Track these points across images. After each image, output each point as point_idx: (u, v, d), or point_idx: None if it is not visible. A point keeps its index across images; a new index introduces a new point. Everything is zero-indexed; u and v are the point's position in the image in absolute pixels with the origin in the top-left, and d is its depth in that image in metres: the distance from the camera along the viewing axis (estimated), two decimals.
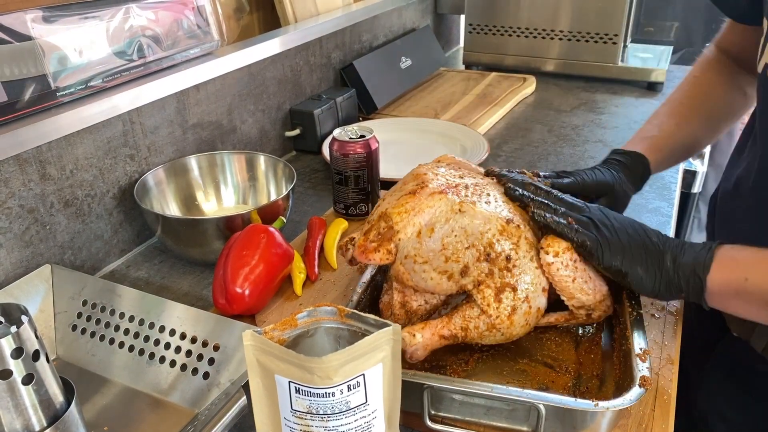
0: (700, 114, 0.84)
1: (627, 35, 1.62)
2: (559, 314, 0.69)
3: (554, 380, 0.65)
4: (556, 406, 0.56)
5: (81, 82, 0.81)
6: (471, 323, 0.64)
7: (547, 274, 0.64)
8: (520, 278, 0.64)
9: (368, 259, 0.64)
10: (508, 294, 0.63)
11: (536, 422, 0.57)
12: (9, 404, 0.48)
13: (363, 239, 0.64)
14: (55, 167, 0.81)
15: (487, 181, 0.71)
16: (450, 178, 0.68)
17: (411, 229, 0.63)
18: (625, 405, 0.55)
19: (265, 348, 0.48)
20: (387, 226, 0.65)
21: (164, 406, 0.65)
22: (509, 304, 0.63)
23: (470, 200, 0.65)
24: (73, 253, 0.85)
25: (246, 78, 1.12)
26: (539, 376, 0.66)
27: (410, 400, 0.58)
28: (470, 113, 1.41)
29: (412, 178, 0.70)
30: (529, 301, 0.64)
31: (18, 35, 0.73)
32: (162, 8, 0.93)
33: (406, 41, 1.61)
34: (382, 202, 0.70)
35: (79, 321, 0.72)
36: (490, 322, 0.63)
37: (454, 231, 0.63)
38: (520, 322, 0.64)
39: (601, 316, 0.68)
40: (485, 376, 0.66)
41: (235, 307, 0.73)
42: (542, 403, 0.56)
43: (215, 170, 1.00)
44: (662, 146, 0.82)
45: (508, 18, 1.69)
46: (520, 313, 0.63)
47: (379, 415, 0.50)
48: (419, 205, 0.64)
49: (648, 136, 0.83)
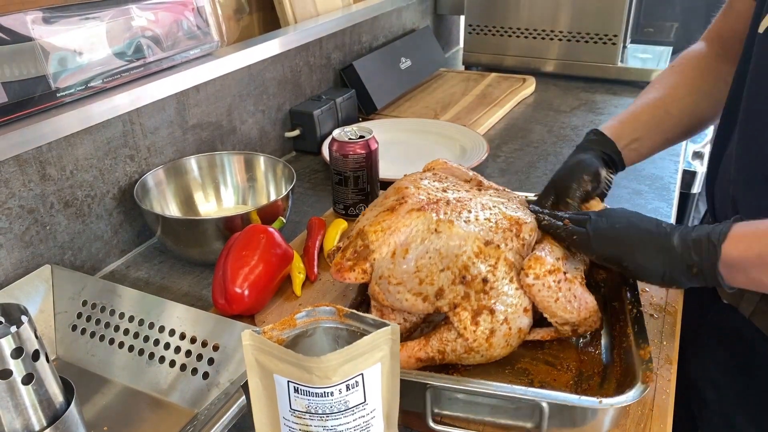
0: (674, 94, 0.83)
1: (626, 36, 1.62)
2: (545, 331, 0.68)
3: (556, 378, 0.65)
4: (559, 403, 0.56)
5: (81, 82, 0.82)
6: (448, 346, 0.63)
7: (529, 295, 0.63)
8: (498, 300, 0.62)
9: (343, 278, 0.64)
10: (486, 317, 0.62)
11: (539, 419, 0.57)
12: (9, 404, 0.48)
13: (340, 257, 0.64)
14: (55, 168, 0.81)
15: (473, 195, 0.71)
16: (432, 192, 0.68)
17: (386, 249, 0.63)
18: (629, 402, 0.55)
19: (264, 348, 0.48)
20: (363, 245, 0.65)
21: (164, 406, 0.65)
22: (487, 326, 0.62)
23: (449, 218, 0.64)
24: (73, 253, 0.86)
25: (246, 79, 1.12)
26: (541, 374, 0.66)
27: (412, 400, 0.58)
28: (470, 114, 1.41)
29: (393, 192, 0.70)
30: (509, 322, 0.62)
31: (18, 36, 0.74)
32: (162, 9, 0.93)
33: (405, 42, 1.62)
34: (362, 216, 0.70)
35: (79, 321, 0.72)
36: (468, 345, 0.62)
37: (429, 252, 0.63)
38: (499, 343, 0.63)
39: (587, 330, 0.67)
40: (487, 375, 0.66)
41: (235, 308, 0.74)
42: (546, 401, 0.56)
43: (215, 171, 1.01)
44: (624, 121, 0.82)
45: (507, 19, 1.69)
46: (500, 335, 0.62)
47: (378, 415, 0.50)
48: (395, 223, 0.64)
49: (621, 131, 0.82)
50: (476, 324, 0.62)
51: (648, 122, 0.82)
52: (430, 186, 0.70)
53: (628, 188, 1.08)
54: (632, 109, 0.84)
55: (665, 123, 0.83)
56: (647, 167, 1.16)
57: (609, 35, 1.58)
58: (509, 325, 0.63)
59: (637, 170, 1.15)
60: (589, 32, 1.61)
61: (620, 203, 1.03)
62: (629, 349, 0.62)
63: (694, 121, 0.85)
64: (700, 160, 1.72)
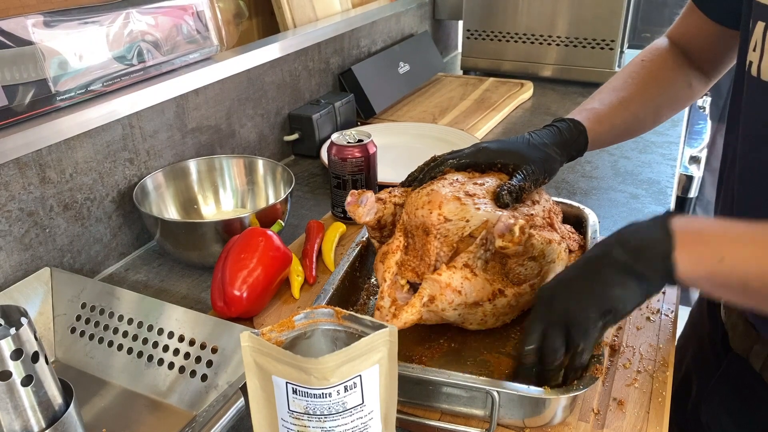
0: (644, 96, 0.82)
1: (624, 41, 1.63)
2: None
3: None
4: (509, 392, 0.58)
5: (81, 86, 0.82)
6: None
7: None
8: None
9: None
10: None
11: (491, 408, 0.59)
12: (8, 405, 0.48)
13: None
14: (54, 171, 0.81)
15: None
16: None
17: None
18: (576, 393, 0.57)
19: (262, 349, 0.48)
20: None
21: (162, 408, 0.65)
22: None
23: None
24: (73, 256, 0.86)
25: (245, 83, 1.13)
26: (502, 366, 0.68)
27: None
28: (468, 118, 1.42)
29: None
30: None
31: (19, 40, 0.74)
32: (162, 13, 0.93)
33: (404, 47, 1.62)
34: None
35: (78, 323, 0.72)
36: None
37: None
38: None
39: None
40: (450, 366, 0.68)
41: (234, 310, 0.74)
42: (496, 389, 0.58)
43: (214, 174, 1.01)
44: (603, 119, 0.79)
45: (505, 24, 1.70)
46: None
47: (376, 416, 0.50)
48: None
49: (588, 108, 0.81)
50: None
51: (619, 126, 0.81)
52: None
53: (625, 192, 1.09)
54: (607, 109, 0.80)
55: (631, 126, 0.83)
56: (644, 171, 1.17)
57: (606, 41, 1.59)
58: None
59: (634, 174, 1.16)
60: (586, 37, 1.62)
61: (617, 207, 1.04)
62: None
63: (649, 126, 0.85)
64: (696, 165, 1.73)
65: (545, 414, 0.59)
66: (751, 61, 0.63)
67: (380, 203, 0.75)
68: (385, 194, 0.76)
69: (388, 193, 0.76)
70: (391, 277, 0.69)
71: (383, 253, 0.72)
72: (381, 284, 0.69)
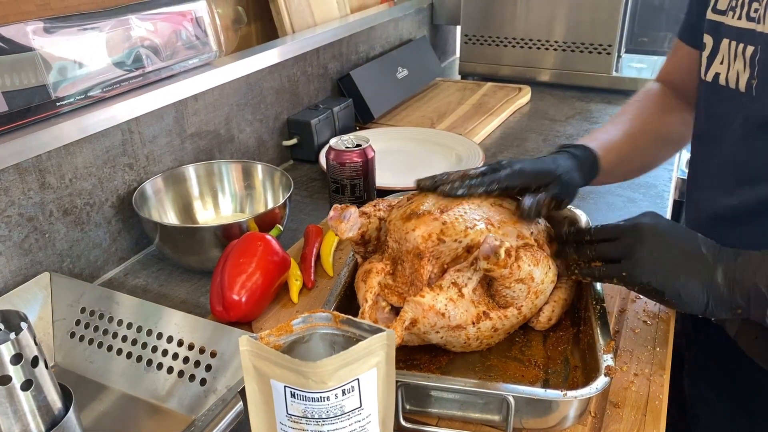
0: (646, 132, 0.84)
1: (621, 45, 1.64)
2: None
3: (524, 374, 0.67)
4: (525, 396, 0.58)
5: (81, 92, 0.83)
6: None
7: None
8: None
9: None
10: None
11: (507, 413, 0.58)
12: (8, 410, 0.48)
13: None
14: (54, 176, 0.81)
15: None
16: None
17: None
18: (592, 394, 0.57)
19: (260, 353, 0.48)
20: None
21: (162, 413, 0.65)
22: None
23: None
24: (72, 261, 0.86)
25: (244, 88, 1.13)
26: (509, 370, 0.68)
27: None
28: (466, 122, 1.42)
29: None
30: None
31: (19, 46, 0.75)
32: (161, 19, 0.94)
33: (402, 52, 1.63)
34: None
35: (78, 328, 0.73)
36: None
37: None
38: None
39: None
40: (458, 372, 0.68)
41: (232, 315, 0.74)
42: (512, 394, 0.58)
43: (213, 179, 1.01)
44: (612, 149, 0.80)
45: (503, 29, 1.70)
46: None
47: (374, 420, 0.50)
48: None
49: (597, 137, 0.82)
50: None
51: (627, 155, 0.83)
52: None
53: (622, 196, 1.09)
54: (621, 146, 0.82)
55: (636, 158, 0.86)
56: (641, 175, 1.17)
57: (604, 45, 1.60)
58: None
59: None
60: (584, 42, 1.62)
61: (614, 211, 1.04)
62: (593, 345, 0.64)
63: (655, 157, 0.90)
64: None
65: (555, 416, 0.59)
66: (716, 72, 0.70)
67: (364, 217, 0.72)
68: (370, 208, 0.74)
69: (372, 206, 0.74)
70: (373, 298, 0.67)
71: (365, 271, 0.70)
72: (362, 304, 0.67)
